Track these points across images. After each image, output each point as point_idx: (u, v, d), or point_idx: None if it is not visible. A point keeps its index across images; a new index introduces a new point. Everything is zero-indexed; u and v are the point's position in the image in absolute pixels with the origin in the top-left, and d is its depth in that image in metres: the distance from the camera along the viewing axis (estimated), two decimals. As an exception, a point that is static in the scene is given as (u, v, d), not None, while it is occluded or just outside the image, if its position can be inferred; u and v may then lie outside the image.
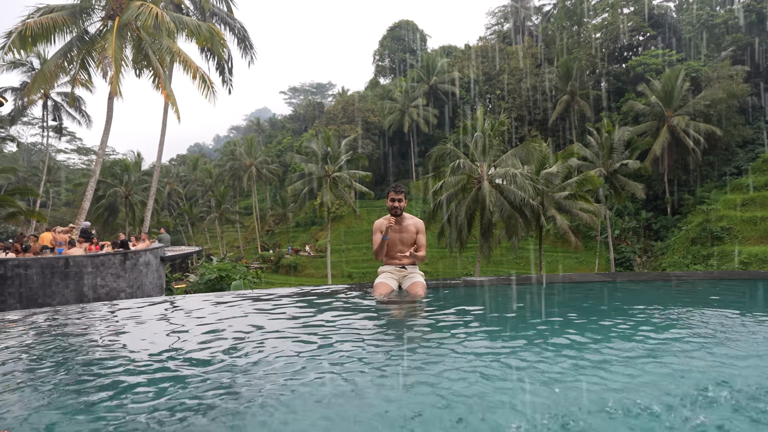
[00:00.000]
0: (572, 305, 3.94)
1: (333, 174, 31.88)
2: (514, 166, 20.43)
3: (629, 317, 3.16)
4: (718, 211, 30.71)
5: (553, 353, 2.28)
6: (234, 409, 1.73)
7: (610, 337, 2.61)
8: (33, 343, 3.02)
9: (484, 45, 53.87)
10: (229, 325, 3.19)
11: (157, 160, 23.02)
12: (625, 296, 4.41)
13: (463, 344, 2.50)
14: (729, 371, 2.00)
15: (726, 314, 3.18)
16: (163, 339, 2.99)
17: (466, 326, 2.98)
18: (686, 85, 33.53)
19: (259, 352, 2.45)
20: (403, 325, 3.12)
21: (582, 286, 5.03)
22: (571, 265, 34.08)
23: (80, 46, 16.19)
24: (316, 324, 3.14)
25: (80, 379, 2.16)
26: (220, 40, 17.71)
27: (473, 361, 2.18)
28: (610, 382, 1.86)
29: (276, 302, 4.01)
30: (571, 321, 3.09)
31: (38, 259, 11.85)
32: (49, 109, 33.26)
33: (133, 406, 1.78)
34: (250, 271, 24.36)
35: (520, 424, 1.51)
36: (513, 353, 2.32)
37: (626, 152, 29.67)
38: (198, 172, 57.38)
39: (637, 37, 44.82)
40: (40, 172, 40.00)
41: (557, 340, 2.55)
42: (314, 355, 2.36)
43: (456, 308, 3.58)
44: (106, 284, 12.50)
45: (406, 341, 2.62)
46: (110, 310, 4.09)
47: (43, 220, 25.23)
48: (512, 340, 2.63)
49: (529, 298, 4.29)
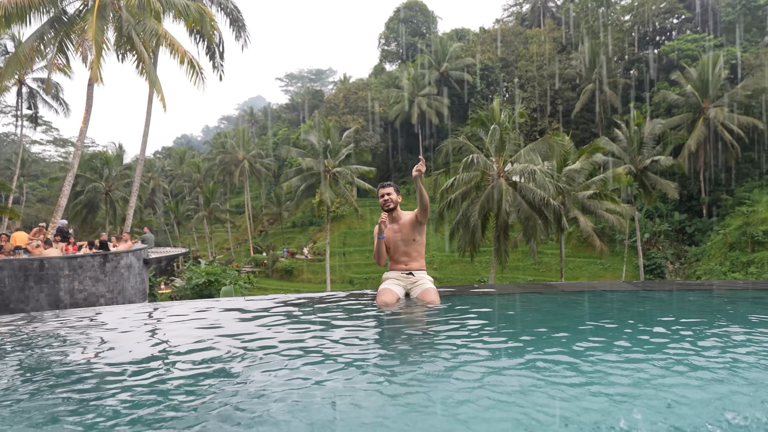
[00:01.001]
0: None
1: (333, 169, 31.91)
2: (533, 162, 20.37)
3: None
4: (760, 214, 30.50)
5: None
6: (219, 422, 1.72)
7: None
8: (3, 353, 3.03)
9: (501, 28, 53.79)
10: (216, 334, 3.19)
11: (140, 152, 23.09)
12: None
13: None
14: None
15: None
16: (143, 350, 2.99)
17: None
18: (725, 74, 33.33)
19: (246, 364, 2.44)
20: (411, 335, 3.11)
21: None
22: (596, 272, 33.97)
23: (58, 27, 16.26)
24: (308, 335, 3.13)
25: (52, 392, 2.16)
26: (210, 22, 17.74)
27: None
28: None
29: (267, 310, 4.01)
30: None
31: (10, 260, 11.92)
32: (24, 96, 33.47)
33: (103, 423, 1.78)
34: (242, 276, 24.39)
35: None
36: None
37: (658, 147, 29.49)
38: (185, 167, 57.63)
39: (671, 19, 44.62)
40: (13, 165, 40.34)
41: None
42: (302, 370, 2.35)
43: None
44: (84, 288, 12.55)
45: (412, 355, 2.61)
46: (88, 317, 4.10)
47: (16, 217, 25.43)
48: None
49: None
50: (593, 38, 42.45)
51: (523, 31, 51.20)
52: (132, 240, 17.27)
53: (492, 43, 50.78)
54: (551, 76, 44.24)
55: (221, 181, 55.00)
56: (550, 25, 50.30)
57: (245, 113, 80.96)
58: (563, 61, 44.71)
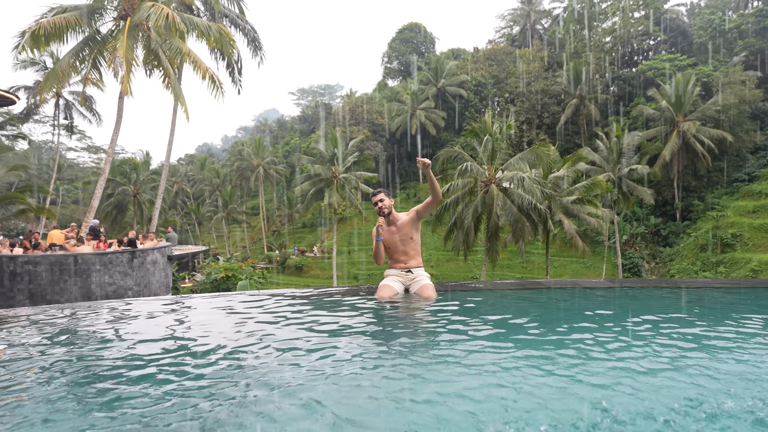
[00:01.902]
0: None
1: (340, 175, 31.95)
2: (521, 169, 20.36)
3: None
4: (729, 218, 30.42)
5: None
6: (235, 405, 1.73)
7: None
8: (42, 339, 3.05)
9: (493, 48, 53.80)
10: (231, 323, 3.20)
11: (165, 159, 23.17)
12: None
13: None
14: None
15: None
16: (166, 337, 3.00)
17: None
18: (697, 90, 33.28)
19: (259, 350, 2.45)
20: (406, 327, 3.12)
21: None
22: (578, 270, 33.89)
23: (92, 45, 16.37)
24: (316, 325, 3.14)
25: (87, 375, 2.17)
26: (229, 41, 17.82)
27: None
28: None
29: (280, 303, 4.02)
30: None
31: (47, 256, 11.96)
32: (61, 107, 33.67)
33: (132, 402, 1.79)
34: (256, 272, 24.43)
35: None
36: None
37: (635, 157, 29.48)
38: (206, 172, 57.70)
39: (648, 41, 44.59)
40: (50, 170, 40.43)
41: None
42: (315, 356, 2.36)
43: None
44: (113, 282, 12.59)
45: (408, 344, 2.61)
46: (117, 308, 4.12)
47: (52, 217, 25.53)
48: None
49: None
50: (577, 58, 42.45)
51: (513, 51, 51.17)
52: (157, 238, 17.31)
53: (485, 61, 50.80)
54: (538, 91, 44.23)
55: (238, 186, 55.05)
56: (538, 45, 50.29)
57: (261, 124, 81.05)
58: (549, 78, 44.68)
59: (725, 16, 40.67)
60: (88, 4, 15.96)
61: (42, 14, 15.74)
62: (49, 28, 14.78)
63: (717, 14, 40.57)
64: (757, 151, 34.74)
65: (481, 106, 47.48)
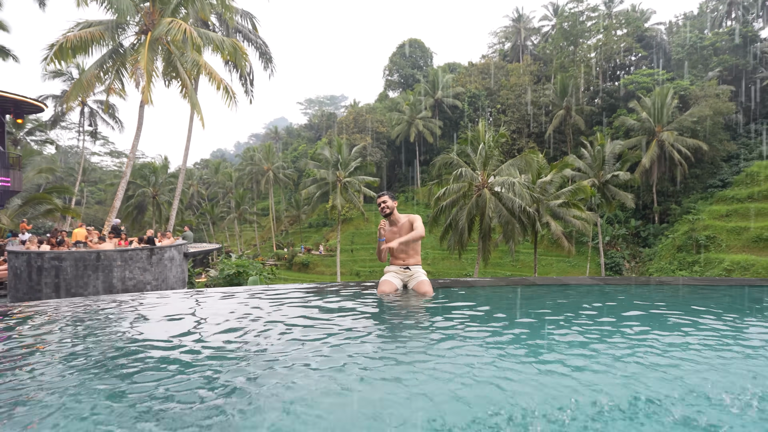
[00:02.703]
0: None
1: (343, 179, 31.97)
2: (512, 175, 20.36)
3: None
4: (703, 221, 30.40)
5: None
6: (247, 392, 1.73)
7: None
8: (70, 328, 3.05)
9: (486, 62, 53.80)
10: (242, 314, 3.20)
11: (182, 163, 23.18)
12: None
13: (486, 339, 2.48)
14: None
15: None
16: (182, 326, 3.00)
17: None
18: (675, 103, 33.28)
19: (265, 340, 2.45)
20: (405, 318, 3.12)
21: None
22: (564, 269, 33.84)
23: (115, 58, 16.39)
24: (319, 317, 3.14)
25: (110, 361, 2.18)
26: (242, 55, 17.83)
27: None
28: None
29: (287, 297, 4.02)
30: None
31: (72, 252, 11.96)
32: (86, 115, 33.72)
33: (148, 384, 1.79)
34: (266, 268, 24.40)
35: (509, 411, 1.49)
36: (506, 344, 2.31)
37: (617, 164, 29.46)
38: (219, 176, 57.72)
39: (630, 57, 44.65)
40: (75, 173, 40.47)
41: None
42: (319, 345, 2.36)
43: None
44: (133, 277, 12.58)
45: (405, 334, 2.61)
46: (137, 301, 4.12)
47: (77, 216, 25.52)
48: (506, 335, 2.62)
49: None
50: (564, 72, 42.47)
51: (505, 66, 51.20)
52: (174, 237, 17.30)
53: (478, 75, 50.81)
54: (528, 103, 44.24)
55: (249, 188, 55.02)
56: (528, 60, 50.32)
57: (271, 131, 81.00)
58: (538, 91, 44.69)
59: (701, 35, 40.75)
60: (112, 19, 15.98)
61: (69, 29, 15.77)
62: (75, 42, 14.80)
63: (694, 32, 40.66)
64: (730, 159, 34.74)
65: (475, 116, 47.48)
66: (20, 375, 2.05)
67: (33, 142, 35.33)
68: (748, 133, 36.03)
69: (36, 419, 1.58)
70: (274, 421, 1.52)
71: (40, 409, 1.67)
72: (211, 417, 1.54)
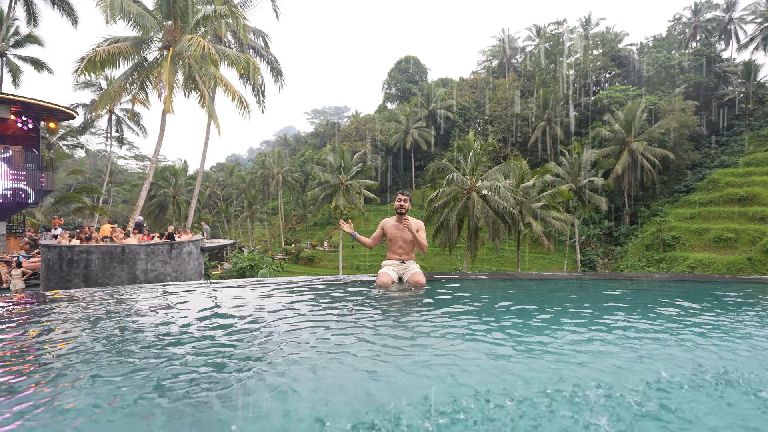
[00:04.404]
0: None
1: (345, 182, 31.95)
2: (498, 179, 20.39)
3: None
4: (670, 223, 30.50)
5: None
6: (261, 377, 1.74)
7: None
8: (100, 313, 3.05)
9: (475, 78, 53.84)
10: (253, 304, 3.21)
11: (200, 166, 23.14)
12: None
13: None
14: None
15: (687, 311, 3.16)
16: (199, 313, 3.00)
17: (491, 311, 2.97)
18: (644, 116, 33.40)
19: (275, 327, 2.46)
20: (402, 307, 3.12)
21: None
22: (544, 265, 33.90)
23: (140, 70, 16.35)
24: (323, 306, 3.15)
25: (134, 341, 2.18)
26: (255, 69, 17.79)
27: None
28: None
29: (294, 287, 4.02)
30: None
31: (99, 246, 11.93)
32: (113, 122, 33.58)
33: (168, 365, 1.79)
34: (275, 262, 24.41)
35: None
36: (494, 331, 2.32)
37: (592, 171, 29.54)
38: (234, 178, 57.54)
39: (604, 74, 44.75)
40: (103, 174, 40.35)
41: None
42: (322, 330, 2.36)
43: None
44: (155, 269, 12.55)
45: (404, 321, 2.62)
46: (159, 290, 4.11)
47: (104, 214, 25.46)
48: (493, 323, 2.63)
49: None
50: (545, 87, 42.51)
51: (492, 81, 51.22)
52: (191, 233, 17.25)
53: (468, 89, 50.83)
54: (513, 115, 44.29)
55: (261, 190, 54.86)
56: (513, 76, 50.37)
57: (280, 138, 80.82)
58: (522, 104, 44.72)
59: (669, 55, 40.89)
60: (138, 36, 15.94)
61: (98, 44, 15.72)
62: (104, 56, 14.75)
63: (662, 53, 40.79)
64: (694, 167, 34.88)
65: (465, 127, 47.51)
66: (48, 356, 2.05)
67: (65, 146, 35.14)
68: (710, 144, 36.19)
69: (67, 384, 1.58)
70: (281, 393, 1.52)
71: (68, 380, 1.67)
72: (215, 390, 1.54)
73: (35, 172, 15.43)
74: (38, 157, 15.95)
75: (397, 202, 4.15)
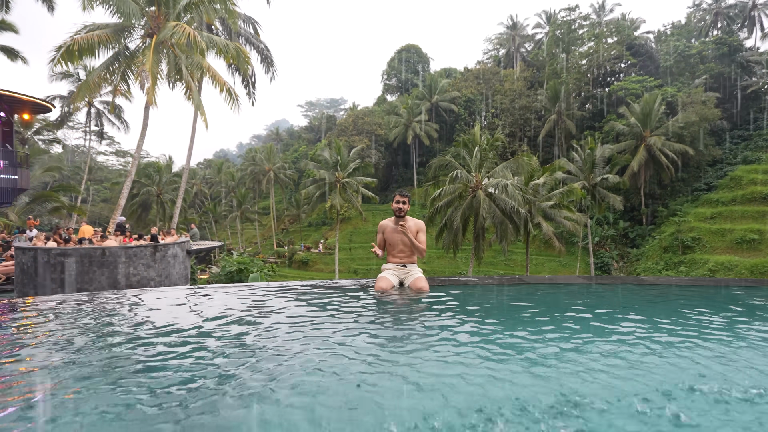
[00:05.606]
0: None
1: (342, 180, 31.94)
2: (505, 177, 20.40)
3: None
4: (689, 223, 30.52)
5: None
6: (247, 385, 1.73)
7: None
8: (73, 323, 3.03)
9: (482, 68, 53.86)
10: (241, 310, 3.19)
11: (186, 163, 23.13)
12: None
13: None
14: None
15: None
16: (184, 320, 2.99)
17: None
18: (662, 109, 33.39)
19: (266, 335, 2.45)
20: (400, 314, 3.11)
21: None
22: (555, 268, 33.92)
23: (121, 60, 16.32)
24: (317, 312, 3.14)
25: (113, 353, 2.16)
26: (245, 59, 17.77)
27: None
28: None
29: (286, 293, 4.01)
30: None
31: (78, 248, 11.90)
32: (92, 115, 33.53)
33: (152, 376, 1.78)
34: (266, 265, 24.33)
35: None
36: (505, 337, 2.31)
37: (607, 167, 29.54)
38: (222, 175, 57.52)
39: (619, 64, 44.73)
40: (81, 172, 40.29)
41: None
42: (318, 339, 2.35)
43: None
44: (137, 273, 12.52)
45: (403, 329, 2.61)
46: (141, 296, 4.10)
47: (83, 214, 25.40)
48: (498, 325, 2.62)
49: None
50: (556, 78, 42.53)
51: (500, 71, 51.27)
52: (177, 234, 17.23)
53: (474, 80, 50.87)
54: (521, 108, 44.31)
55: (251, 188, 54.82)
56: (521, 66, 50.42)
57: (272, 133, 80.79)
58: (531, 96, 44.76)
59: (689, 43, 40.92)
60: (118, 22, 15.91)
61: (76, 31, 15.69)
62: (82, 44, 14.72)
63: (681, 41, 40.82)
64: (715, 163, 34.91)
65: (470, 120, 47.53)
66: (22, 363, 2.04)
67: (40, 141, 35.11)
68: (733, 139, 36.24)
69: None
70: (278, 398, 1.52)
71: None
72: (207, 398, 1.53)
73: (8, 168, 15.39)
74: (12, 152, 15.91)
75: (395, 203, 4.09)
